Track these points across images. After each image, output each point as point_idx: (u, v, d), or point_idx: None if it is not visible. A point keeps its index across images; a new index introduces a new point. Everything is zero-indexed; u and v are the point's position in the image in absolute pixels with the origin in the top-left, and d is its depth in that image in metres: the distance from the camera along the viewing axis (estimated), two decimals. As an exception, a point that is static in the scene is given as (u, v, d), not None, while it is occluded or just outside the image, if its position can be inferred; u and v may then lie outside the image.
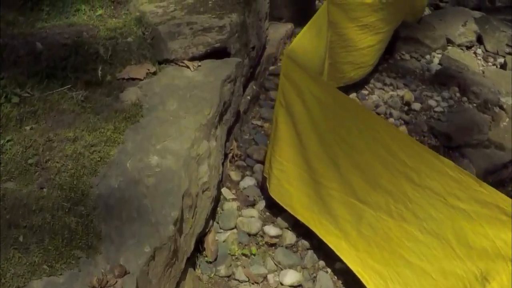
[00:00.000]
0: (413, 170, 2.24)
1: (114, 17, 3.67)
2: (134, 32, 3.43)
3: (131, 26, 3.52)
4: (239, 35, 3.45)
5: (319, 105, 2.44)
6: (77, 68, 2.92)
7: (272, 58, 4.59)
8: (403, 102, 4.43)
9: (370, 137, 2.32)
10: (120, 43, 3.27)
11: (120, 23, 3.51)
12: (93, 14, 3.55)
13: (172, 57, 3.16)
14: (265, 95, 4.15)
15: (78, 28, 3.30)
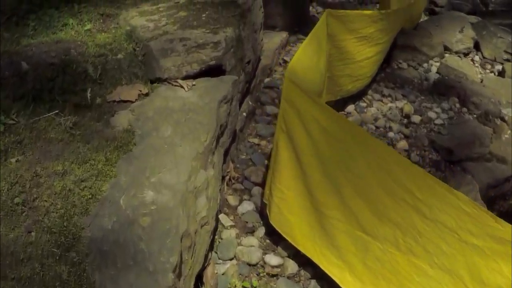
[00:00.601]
0: (424, 203, 2.12)
1: (103, 31, 3.51)
2: (125, 48, 3.28)
3: (121, 41, 3.37)
4: (234, 51, 3.31)
5: (323, 132, 2.31)
6: (65, 90, 2.77)
7: (267, 70, 4.46)
8: (403, 114, 4.31)
9: (378, 167, 2.19)
10: (110, 61, 3.12)
11: (109, 39, 3.36)
12: (82, 29, 3.40)
13: (165, 76, 3.02)
14: (261, 109, 4.02)
15: (65, 45, 3.14)
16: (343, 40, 3.67)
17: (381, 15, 3.82)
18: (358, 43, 3.80)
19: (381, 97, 4.52)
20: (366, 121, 4.16)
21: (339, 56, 3.72)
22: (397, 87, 4.74)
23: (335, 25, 3.55)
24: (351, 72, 3.92)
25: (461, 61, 5.31)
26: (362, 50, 3.86)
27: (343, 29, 3.63)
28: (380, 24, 3.90)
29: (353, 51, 3.80)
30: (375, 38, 3.91)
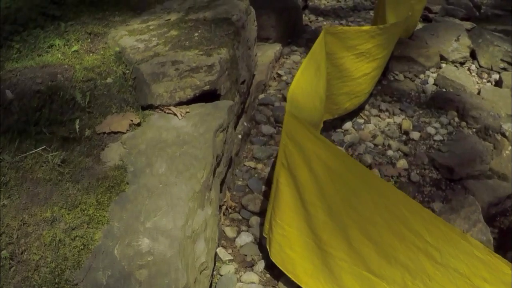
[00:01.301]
0: (435, 247, 2.01)
1: (91, 51, 3.37)
2: (114, 72, 3.15)
3: (110, 64, 3.23)
4: (229, 73, 3.18)
5: (327, 171, 2.19)
6: (52, 121, 2.62)
7: (262, 86, 4.33)
8: (401, 130, 4.20)
9: (386, 209, 2.08)
10: (99, 86, 2.99)
11: (98, 61, 3.22)
12: (69, 50, 3.26)
13: (157, 103, 2.88)
14: (256, 129, 3.89)
15: (52, 70, 3.00)
16: (341, 58, 3.55)
17: (379, 30, 3.71)
18: (356, 59, 3.68)
19: (378, 112, 4.41)
20: (364, 138, 4.05)
21: (337, 74, 3.60)
22: (394, 101, 4.63)
23: (333, 43, 3.42)
24: (349, 90, 3.80)
25: (458, 71, 5.21)
26: (360, 66, 3.75)
27: (340, 47, 3.51)
28: (378, 39, 3.78)
29: (351, 68, 3.68)
30: (373, 53, 3.79)
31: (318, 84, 3.09)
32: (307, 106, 2.77)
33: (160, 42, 3.25)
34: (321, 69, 3.20)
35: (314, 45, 3.12)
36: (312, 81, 2.95)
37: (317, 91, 3.07)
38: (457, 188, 3.89)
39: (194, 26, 3.47)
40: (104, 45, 3.46)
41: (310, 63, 2.96)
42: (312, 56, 3.02)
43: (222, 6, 3.81)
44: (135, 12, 3.99)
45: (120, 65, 3.19)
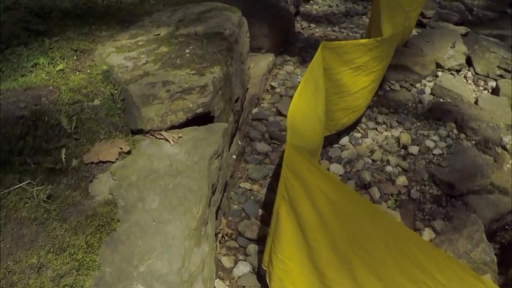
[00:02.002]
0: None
1: (77, 70, 3.21)
2: (102, 93, 2.99)
3: (97, 84, 3.08)
4: (223, 92, 3.03)
5: (331, 206, 2.05)
6: (37, 150, 2.47)
7: (255, 100, 4.19)
8: (400, 145, 4.08)
9: (395, 247, 1.95)
10: (86, 109, 2.83)
11: (84, 80, 3.06)
12: (53, 70, 3.09)
13: (148, 128, 2.73)
14: (250, 146, 3.75)
15: (35, 93, 2.83)
16: (338, 73, 3.42)
17: (376, 43, 3.58)
18: (353, 73, 3.55)
19: (375, 125, 4.28)
20: (362, 154, 3.92)
21: (334, 89, 3.47)
22: (391, 113, 4.51)
23: (330, 58, 3.29)
24: (347, 105, 3.68)
25: (454, 79, 5.10)
26: (357, 80, 3.62)
27: (338, 61, 3.38)
28: (376, 52, 3.66)
29: (348, 83, 3.55)
30: (370, 66, 3.67)
31: (317, 104, 2.96)
32: (307, 130, 2.64)
33: (150, 60, 3.10)
34: (319, 87, 3.06)
35: (312, 62, 2.99)
36: (310, 102, 2.82)
37: (316, 113, 2.93)
38: (458, 204, 3.78)
39: (185, 41, 3.32)
40: (90, 62, 3.30)
41: (308, 83, 2.83)
42: (310, 74, 2.88)
43: (213, 19, 3.66)
44: (123, 25, 3.83)
45: (108, 85, 3.04)
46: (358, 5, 7.22)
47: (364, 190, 3.61)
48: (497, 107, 4.82)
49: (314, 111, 2.87)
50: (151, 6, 4.27)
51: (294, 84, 4.64)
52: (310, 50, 5.36)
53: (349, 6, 7.13)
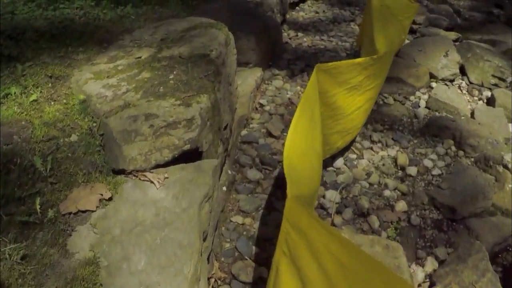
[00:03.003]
0: None
1: (52, 99, 2.96)
2: (79, 127, 2.74)
3: (74, 116, 2.82)
4: (211, 123, 2.79)
5: (339, 267, 1.83)
6: (8, 198, 2.23)
7: (244, 120, 3.95)
8: (397, 165, 3.88)
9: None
10: (62, 147, 2.58)
11: (60, 112, 2.81)
12: (26, 100, 2.84)
13: (130, 168, 2.48)
14: (240, 174, 3.51)
15: (6, 130, 2.58)
16: (333, 95, 3.20)
17: (372, 61, 3.36)
18: (348, 94, 3.34)
19: (370, 144, 4.07)
20: (358, 177, 3.71)
21: (329, 113, 3.25)
22: (386, 129, 4.30)
23: (325, 80, 3.07)
24: (342, 128, 3.46)
25: (449, 90, 4.91)
26: (352, 101, 3.41)
27: (332, 83, 3.16)
28: (371, 70, 3.44)
29: (343, 105, 3.34)
30: (365, 85, 3.45)
31: (314, 137, 2.73)
32: (305, 170, 2.41)
33: (131, 88, 2.85)
34: (315, 116, 2.84)
35: (307, 88, 2.76)
36: (307, 136, 2.59)
37: (314, 147, 2.71)
38: (459, 229, 3.58)
39: (169, 65, 3.07)
40: (67, 90, 3.04)
41: (304, 113, 2.60)
42: (305, 102, 2.65)
43: (198, 39, 3.42)
44: (101, 45, 3.57)
45: (86, 117, 2.79)
46: (345, 10, 7.01)
47: (363, 218, 3.40)
48: (494, 119, 4.64)
49: (311, 146, 2.64)
50: (132, 23, 4.02)
51: (284, 100, 4.42)
52: (299, 62, 5.14)
53: (336, 12, 6.92)
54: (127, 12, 4.20)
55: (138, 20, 4.12)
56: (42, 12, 3.98)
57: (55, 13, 3.96)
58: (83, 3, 4.19)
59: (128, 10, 4.24)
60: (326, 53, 5.43)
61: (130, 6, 4.31)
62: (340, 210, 3.39)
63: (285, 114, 4.21)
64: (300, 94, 4.58)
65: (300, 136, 2.48)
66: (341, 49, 5.59)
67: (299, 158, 2.38)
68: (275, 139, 3.90)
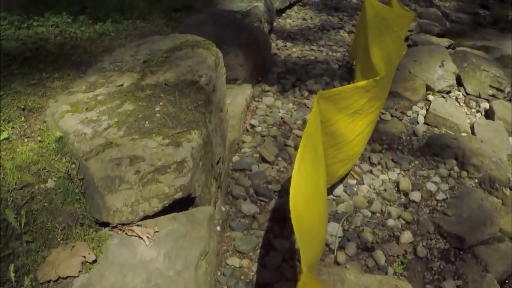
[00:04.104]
0: None
1: (25, 136, 2.66)
2: (56, 170, 2.45)
3: (50, 157, 2.53)
4: (204, 163, 2.52)
5: None
6: (-23, 264, 1.93)
7: (235, 145, 3.68)
8: (399, 190, 3.64)
9: None
10: (38, 195, 2.29)
11: (35, 152, 2.51)
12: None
13: (116, 221, 2.20)
14: (234, 207, 3.24)
15: (-28, 177, 2.29)
16: (334, 123, 2.95)
17: (374, 83, 3.11)
18: (350, 119, 3.08)
19: (370, 167, 3.83)
20: (360, 205, 3.46)
21: (330, 142, 2.99)
22: (385, 149, 4.06)
23: (327, 108, 2.81)
24: (344, 156, 3.21)
25: (447, 104, 4.69)
26: (354, 126, 3.15)
27: (334, 110, 2.90)
28: (373, 92, 3.19)
29: (345, 132, 3.08)
30: (367, 108, 3.20)
31: (318, 177, 2.47)
32: (312, 218, 2.16)
33: (113, 123, 2.56)
34: (318, 152, 2.58)
35: (309, 121, 2.49)
36: (312, 177, 2.33)
37: (318, 188, 2.45)
38: (467, 258, 3.36)
39: (154, 95, 2.79)
40: (41, 125, 2.75)
41: (307, 150, 2.33)
42: (308, 139, 2.39)
43: (185, 61, 3.14)
44: (79, 69, 3.27)
45: (64, 158, 2.50)
46: (333, 16, 6.76)
47: (367, 252, 3.16)
48: (495, 134, 4.44)
49: (316, 189, 2.38)
50: (111, 41, 3.71)
51: (276, 120, 4.15)
52: (289, 76, 4.88)
53: (324, 18, 6.66)
54: (107, 29, 3.89)
55: (118, 37, 3.82)
56: (14, 31, 3.66)
57: (29, 32, 3.64)
58: (59, 20, 3.88)
59: (108, 26, 3.94)
60: (317, 65, 5.16)
61: (110, 22, 4.01)
62: (343, 245, 3.14)
63: (278, 135, 3.95)
64: (292, 112, 4.32)
65: (304, 179, 2.22)
66: (332, 60, 5.33)
67: (306, 206, 2.12)
68: (269, 164, 3.63)
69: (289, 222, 3.21)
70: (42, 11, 4.02)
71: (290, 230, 3.15)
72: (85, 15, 4.08)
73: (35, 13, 3.99)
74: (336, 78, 4.92)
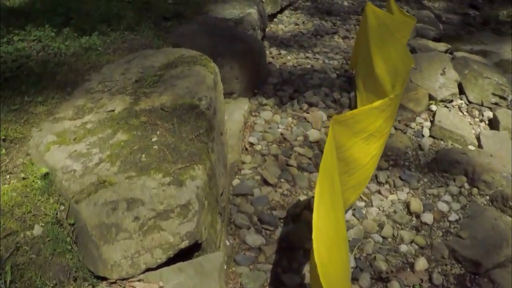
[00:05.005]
0: None
1: (7, 172, 2.40)
2: (43, 213, 2.20)
3: (36, 197, 2.27)
4: (209, 201, 2.28)
5: None
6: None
7: (235, 167, 3.44)
8: (409, 211, 3.43)
9: None
10: (24, 245, 2.04)
11: (18, 193, 2.26)
12: (-26, 177, 2.27)
13: (114, 276, 1.94)
14: (237, 238, 3.00)
15: None
16: (348, 148, 2.72)
17: (390, 101, 2.88)
18: (365, 143, 2.85)
19: (378, 186, 3.61)
20: (370, 230, 3.25)
21: (344, 168, 2.77)
22: (391, 166, 3.85)
23: (341, 133, 2.58)
24: (357, 182, 2.99)
25: (451, 114, 4.49)
26: (368, 149, 2.92)
27: (348, 134, 2.67)
28: (388, 111, 2.97)
29: (359, 157, 2.86)
30: (381, 129, 2.97)
31: (337, 215, 2.24)
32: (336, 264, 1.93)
33: (105, 157, 2.30)
34: (335, 185, 2.35)
35: (325, 152, 2.26)
36: (331, 217, 2.10)
37: (338, 228, 2.21)
38: (483, 283, 3.17)
39: (150, 122, 2.53)
40: (25, 158, 2.48)
41: (324, 188, 2.10)
42: (325, 173, 2.15)
43: (182, 81, 2.89)
44: (64, 90, 3.01)
45: (51, 198, 2.24)
46: (326, 21, 6.53)
47: (382, 283, 2.94)
48: (501, 146, 4.25)
49: (337, 229, 2.15)
50: (98, 56, 3.44)
51: (276, 136, 3.91)
52: (286, 87, 4.63)
53: (316, 22, 6.42)
54: (93, 43, 3.61)
55: (106, 52, 3.55)
56: (-7, 48, 3.37)
57: (8, 48, 3.35)
58: (41, 34, 3.59)
59: (94, 39, 3.65)
60: (314, 74, 4.92)
61: (96, 35, 3.73)
62: (356, 276, 2.92)
63: (279, 154, 3.71)
64: (292, 127, 4.08)
65: (324, 222, 1.98)
66: (329, 68, 5.10)
67: (330, 253, 1.90)
68: (272, 187, 3.40)
69: (297, 252, 3.00)
70: (24, 23, 3.72)
71: (299, 262, 2.92)
72: (69, 27, 3.80)
73: (16, 26, 3.70)
74: (335, 88, 4.68)
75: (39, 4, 4.25)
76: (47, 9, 4.11)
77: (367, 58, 4.15)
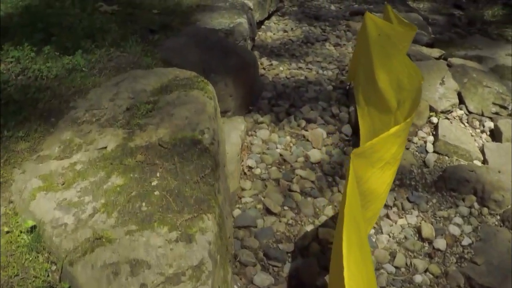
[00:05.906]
0: None
1: (-11, 223, 2.12)
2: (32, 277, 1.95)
3: (23, 256, 2.02)
4: (221, 254, 2.05)
5: None
6: None
7: (235, 196, 3.20)
8: (420, 236, 3.24)
9: None
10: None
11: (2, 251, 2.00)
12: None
13: None
14: (244, 277, 2.76)
15: None
16: (366, 180, 2.52)
17: (405, 125, 2.67)
18: (381, 172, 2.64)
19: (385, 210, 3.40)
20: (382, 260, 3.05)
21: (361, 202, 2.55)
22: (397, 186, 3.65)
23: (360, 166, 2.37)
24: (373, 214, 2.79)
25: (454, 127, 4.31)
26: (383, 178, 2.72)
27: (366, 166, 2.47)
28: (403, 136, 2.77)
29: (376, 187, 2.65)
30: (396, 156, 2.76)
31: (366, 265, 2.02)
32: None
33: (99, 207, 2.05)
34: (361, 229, 2.14)
35: (348, 195, 2.04)
36: (362, 270, 1.88)
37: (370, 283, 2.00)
38: (500, 310, 3.01)
39: (147, 162, 2.28)
40: (7, 207, 2.22)
41: (352, 237, 1.88)
42: (350, 220, 1.94)
43: (179, 109, 2.64)
44: (48, 122, 2.74)
45: (40, 256, 1.99)
46: (315, 27, 6.29)
47: (399, 321, 2.75)
48: (506, 158, 4.08)
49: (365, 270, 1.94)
50: (83, 79, 3.17)
51: (275, 158, 3.67)
52: (282, 102, 4.38)
53: (305, 29, 6.19)
54: (77, 63, 3.33)
55: (91, 73, 3.27)
56: (-33, 73, 3.08)
57: (-17, 72, 3.06)
58: (20, 54, 3.30)
59: (78, 59, 3.37)
60: (309, 86, 4.69)
61: (80, 53, 3.44)
62: (372, 316, 2.71)
63: (280, 178, 3.47)
64: (291, 147, 3.84)
65: (356, 278, 1.76)
66: (324, 80, 4.87)
67: None
68: (276, 217, 3.17)
69: (308, 291, 2.77)
70: (0, 42, 3.42)
71: (312, 304, 2.71)
72: (50, 45, 3.50)
73: (-9, 44, 3.41)
74: (332, 102, 4.46)
75: (16, 18, 3.93)
76: (25, 23, 3.80)
77: (367, 70, 3.94)
